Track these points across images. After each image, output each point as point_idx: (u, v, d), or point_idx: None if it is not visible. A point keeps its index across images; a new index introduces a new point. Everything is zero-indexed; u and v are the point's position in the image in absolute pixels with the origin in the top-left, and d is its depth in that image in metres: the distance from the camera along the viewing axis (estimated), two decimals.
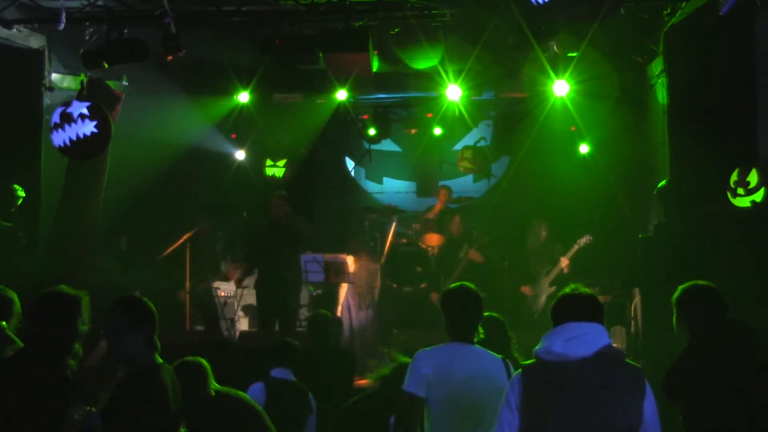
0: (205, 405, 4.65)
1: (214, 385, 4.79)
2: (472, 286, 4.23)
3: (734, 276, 6.27)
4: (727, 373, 3.91)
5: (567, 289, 3.56)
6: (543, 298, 9.27)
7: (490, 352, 4.10)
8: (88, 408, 3.52)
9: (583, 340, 3.34)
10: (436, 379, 3.94)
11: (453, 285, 4.31)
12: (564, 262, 9.05)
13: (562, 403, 3.29)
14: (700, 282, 4.25)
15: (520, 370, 3.43)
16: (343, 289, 9.83)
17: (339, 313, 9.60)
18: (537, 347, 3.43)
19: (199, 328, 10.04)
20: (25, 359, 3.74)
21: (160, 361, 3.72)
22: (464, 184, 12.34)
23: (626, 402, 3.30)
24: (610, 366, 3.34)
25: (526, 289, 9.52)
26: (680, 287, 4.27)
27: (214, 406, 4.69)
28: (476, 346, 4.10)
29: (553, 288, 9.12)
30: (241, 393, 4.94)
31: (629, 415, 3.29)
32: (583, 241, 8.98)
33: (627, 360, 3.45)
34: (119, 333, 3.67)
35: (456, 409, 3.92)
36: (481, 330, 4.13)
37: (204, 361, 4.79)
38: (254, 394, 5.37)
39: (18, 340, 4.60)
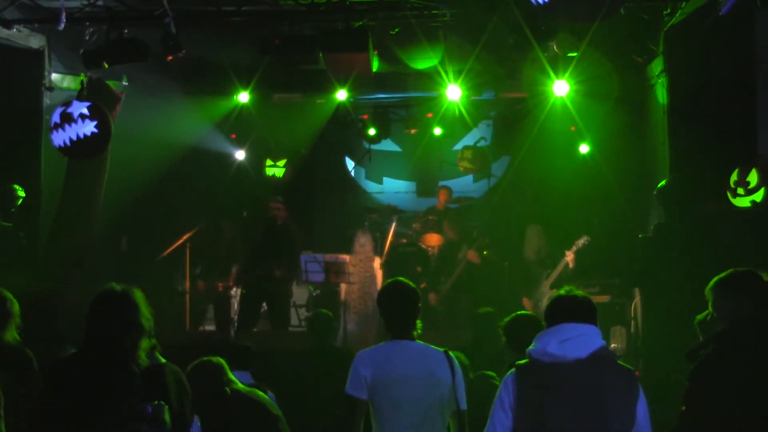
0: (220, 403, 4.67)
1: (239, 385, 4.80)
2: (406, 280, 4.22)
3: None
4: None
5: (562, 291, 3.56)
6: (544, 302, 9.21)
7: (431, 346, 4.09)
8: (157, 402, 3.48)
9: (578, 341, 3.34)
10: (374, 381, 3.96)
11: (388, 281, 4.29)
12: (569, 256, 8.95)
13: (556, 404, 3.29)
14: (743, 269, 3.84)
15: (513, 369, 3.43)
16: (343, 289, 9.84)
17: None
18: (531, 347, 3.42)
19: (210, 328, 10.05)
20: (88, 357, 3.63)
21: (163, 360, 3.70)
22: (464, 184, 12.33)
23: (620, 404, 3.31)
24: (604, 368, 3.35)
25: (525, 302, 9.45)
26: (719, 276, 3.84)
27: (230, 405, 4.70)
28: (416, 341, 4.09)
29: (554, 290, 9.07)
30: (261, 394, 4.94)
31: (622, 417, 3.30)
32: (581, 242, 8.95)
33: (620, 362, 3.45)
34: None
35: (397, 409, 3.94)
36: (419, 324, 4.13)
37: (222, 360, 4.80)
38: None
39: (20, 338, 4.62)
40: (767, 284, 3.74)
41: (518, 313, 4.96)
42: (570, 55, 8.51)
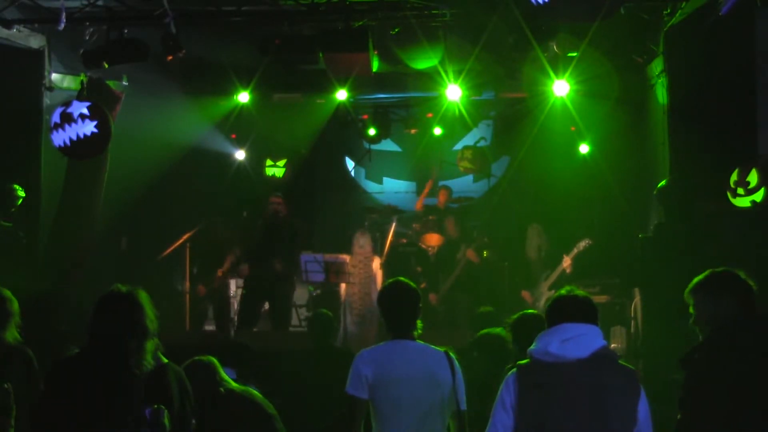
0: (216, 403, 4.66)
1: (232, 384, 4.79)
2: (406, 280, 4.21)
3: None
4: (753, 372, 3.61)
5: (563, 291, 3.56)
6: (542, 302, 9.21)
7: (431, 346, 4.09)
8: (157, 406, 3.48)
9: (579, 341, 3.35)
10: (375, 380, 3.97)
11: (388, 281, 4.30)
12: (567, 261, 9.00)
13: (557, 404, 3.30)
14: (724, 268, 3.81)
15: (514, 369, 3.43)
16: (343, 289, 9.83)
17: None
18: (532, 347, 3.43)
19: (210, 328, 10.04)
20: (90, 357, 3.63)
21: (166, 360, 3.71)
22: (464, 184, 12.33)
23: (621, 403, 3.32)
24: (606, 367, 3.36)
25: (525, 294, 9.49)
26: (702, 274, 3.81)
27: (227, 405, 4.70)
28: (417, 341, 4.10)
29: (552, 291, 9.08)
30: (255, 393, 4.93)
31: (623, 417, 3.31)
32: (583, 244, 8.96)
33: (621, 362, 3.45)
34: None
35: (398, 409, 3.94)
36: (419, 324, 4.13)
37: (214, 359, 4.80)
38: None
39: (20, 338, 4.62)
40: (747, 282, 3.73)
41: (525, 312, 4.96)
42: (570, 55, 8.52)
